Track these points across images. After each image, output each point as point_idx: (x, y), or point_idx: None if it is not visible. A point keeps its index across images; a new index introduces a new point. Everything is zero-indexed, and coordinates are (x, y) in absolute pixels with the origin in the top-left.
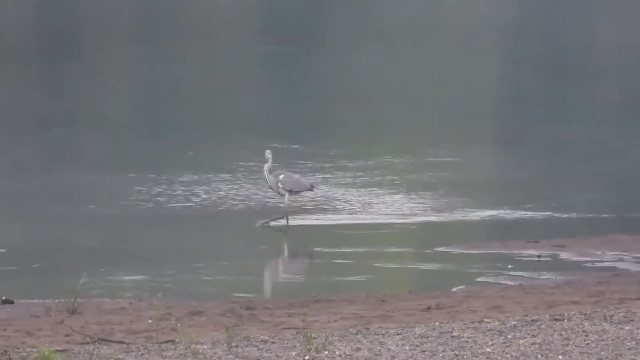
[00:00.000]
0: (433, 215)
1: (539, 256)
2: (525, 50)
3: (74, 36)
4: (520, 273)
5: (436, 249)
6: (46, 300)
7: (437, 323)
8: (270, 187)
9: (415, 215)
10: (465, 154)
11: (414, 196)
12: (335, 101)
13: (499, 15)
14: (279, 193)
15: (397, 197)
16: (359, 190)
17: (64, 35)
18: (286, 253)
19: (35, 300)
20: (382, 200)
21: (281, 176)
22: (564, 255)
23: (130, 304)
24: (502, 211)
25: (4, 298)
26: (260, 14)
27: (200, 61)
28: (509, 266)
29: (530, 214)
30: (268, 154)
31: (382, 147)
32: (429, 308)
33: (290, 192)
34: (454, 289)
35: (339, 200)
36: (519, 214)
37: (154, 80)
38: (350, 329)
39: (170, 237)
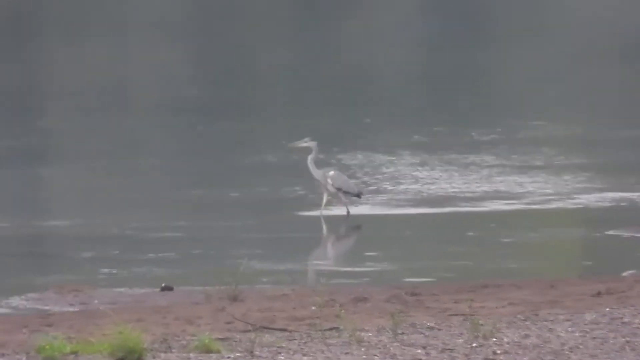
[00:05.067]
0: (598, 197)
1: None
2: None
3: None
4: None
5: (606, 232)
6: (207, 287)
7: (607, 309)
8: (318, 180)
9: (580, 196)
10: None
11: (573, 176)
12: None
13: None
14: (327, 190)
15: (559, 177)
16: (516, 172)
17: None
18: (449, 238)
19: (196, 287)
20: (540, 180)
21: (331, 172)
22: None
23: (293, 290)
24: None
25: (163, 285)
26: None
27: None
28: None
29: None
30: (311, 142)
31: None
32: (599, 293)
33: (339, 190)
34: (624, 274)
35: (495, 183)
36: None
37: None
38: (518, 315)
39: (330, 223)
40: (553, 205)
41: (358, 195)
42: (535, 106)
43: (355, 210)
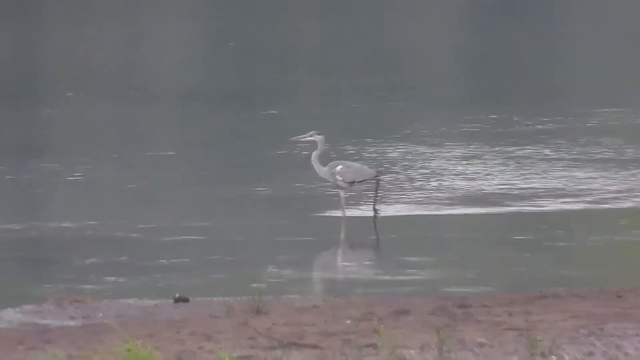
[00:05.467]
0: None
1: None
2: None
3: None
4: None
5: None
6: (227, 298)
7: None
8: (324, 178)
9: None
10: None
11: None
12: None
13: None
14: (338, 186)
15: (627, 172)
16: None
17: None
18: (500, 241)
19: (214, 298)
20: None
21: (338, 167)
22: None
23: (325, 301)
24: None
25: (177, 295)
26: None
27: None
28: None
29: None
30: (317, 136)
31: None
32: None
33: (352, 183)
34: None
35: (553, 178)
36: None
37: None
38: (581, 330)
39: (366, 226)
40: (620, 204)
41: (377, 176)
42: (600, 91)
43: (391, 209)
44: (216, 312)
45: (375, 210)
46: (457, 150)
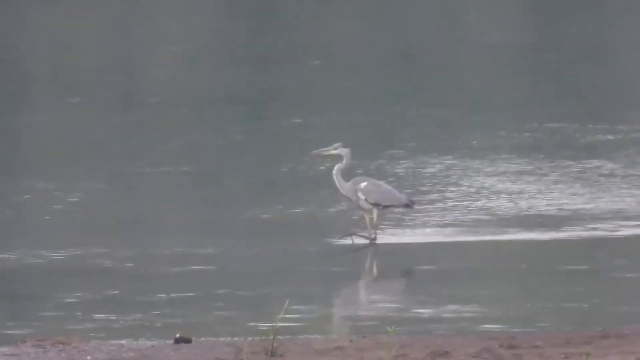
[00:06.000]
0: None
1: None
2: None
3: None
4: None
5: None
6: (235, 338)
7: None
8: (346, 197)
9: None
10: None
11: None
12: None
13: None
14: (359, 206)
15: None
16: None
17: None
18: (554, 271)
19: (221, 339)
20: None
21: (363, 184)
22: None
23: (350, 341)
24: None
25: (178, 335)
26: None
27: None
28: None
29: None
30: (342, 149)
31: None
32: None
33: (377, 205)
34: None
35: (616, 197)
36: None
37: None
38: None
39: (398, 255)
40: None
41: (408, 206)
42: None
43: (425, 235)
44: (223, 355)
45: (368, 237)
46: (505, 165)
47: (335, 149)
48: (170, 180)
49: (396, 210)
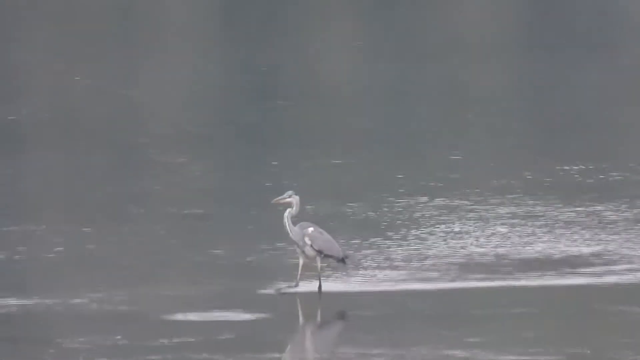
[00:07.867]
0: None
1: None
2: None
3: None
4: None
5: None
6: None
7: None
8: (294, 242)
9: None
10: None
11: None
12: None
13: None
14: (304, 252)
15: None
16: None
17: None
18: (564, 322)
19: None
20: None
21: (310, 229)
22: None
23: None
24: None
25: None
26: None
27: None
28: None
29: None
30: (294, 196)
31: None
32: None
33: (320, 253)
34: None
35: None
36: None
37: None
38: None
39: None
40: None
41: (343, 261)
42: None
43: (413, 282)
44: None
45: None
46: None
47: (289, 196)
48: (172, 221)
49: (332, 262)
